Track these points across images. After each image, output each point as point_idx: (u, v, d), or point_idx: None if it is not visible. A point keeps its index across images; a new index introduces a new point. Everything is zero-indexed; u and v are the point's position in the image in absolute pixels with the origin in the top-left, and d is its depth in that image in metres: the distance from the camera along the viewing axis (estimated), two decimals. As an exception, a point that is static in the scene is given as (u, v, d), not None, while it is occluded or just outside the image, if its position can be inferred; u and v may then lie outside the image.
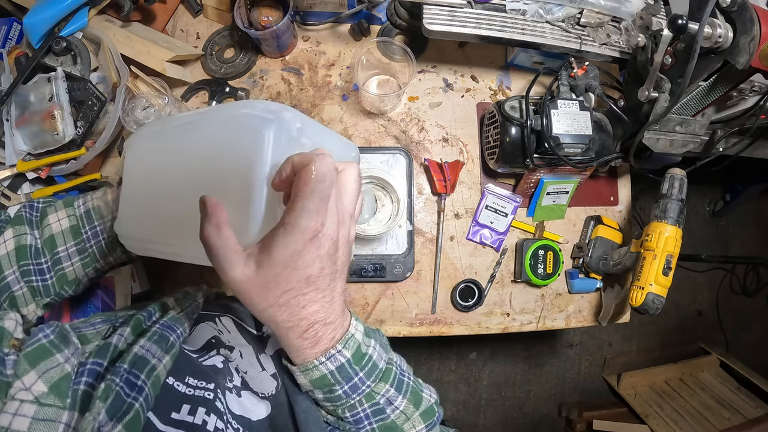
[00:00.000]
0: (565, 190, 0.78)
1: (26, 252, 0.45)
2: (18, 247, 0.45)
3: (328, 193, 0.32)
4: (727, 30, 0.52)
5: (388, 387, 0.38)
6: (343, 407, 0.37)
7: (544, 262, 0.76)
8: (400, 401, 0.38)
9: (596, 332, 1.84)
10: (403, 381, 0.39)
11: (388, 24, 0.82)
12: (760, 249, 1.93)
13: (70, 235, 0.47)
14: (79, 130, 0.71)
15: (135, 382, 0.29)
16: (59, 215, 0.48)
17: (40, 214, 0.48)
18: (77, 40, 0.72)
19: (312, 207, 0.31)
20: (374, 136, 0.80)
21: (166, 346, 0.34)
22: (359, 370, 0.36)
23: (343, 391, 0.35)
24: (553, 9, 0.70)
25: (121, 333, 0.34)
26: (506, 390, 1.80)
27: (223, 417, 0.32)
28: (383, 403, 0.37)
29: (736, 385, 1.66)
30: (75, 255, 0.47)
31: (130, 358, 0.30)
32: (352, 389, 0.36)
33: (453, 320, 0.79)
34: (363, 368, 0.36)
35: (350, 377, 0.35)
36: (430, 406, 0.40)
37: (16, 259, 0.44)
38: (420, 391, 0.40)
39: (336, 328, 0.35)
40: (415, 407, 0.39)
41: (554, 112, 0.66)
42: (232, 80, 0.80)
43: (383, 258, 0.75)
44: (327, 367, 0.35)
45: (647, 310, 0.64)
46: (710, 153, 0.72)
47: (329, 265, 0.33)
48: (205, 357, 0.39)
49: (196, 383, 0.34)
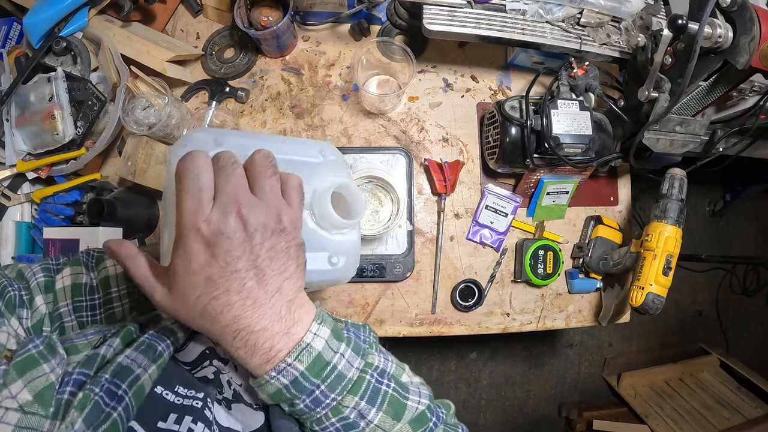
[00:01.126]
0: (565, 190, 0.78)
1: (81, 289, 0.47)
2: (74, 284, 0.47)
3: (198, 186, 0.30)
4: (727, 30, 0.52)
5: (358, 400, 0.33)
6: (309, 421, 0.34)
7: (544, 262, 0.76)
8: (374, 414, 0.34)
9: (596, 332, 1.84)
10: (379, 390, 0.35)
11: (388, 24, 0.82)
12: (760, 249, 1.93)
13: (123, 279, 0.49)
14: (79, 130, 0.71)
15: (115, 392, 0.29)
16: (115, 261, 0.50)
17: (96, 261, 0.50)
18: (77, 40, 0.72)
19: (185, 205, 0.30)
20: (374, 136, 0.80)
21: (154, 356, 0.33)
22: (320, 382, 0.32)
23: (305, 405, 0.32)
24: (553, 9, 0.70)
25: (110, 344, 0.34)
26: (506, 390, 1.80)
27: (211, 426, 0.32)
28: (354, 416, 0.33)
29: (736, 385, 1.66)
30: (125, 297, 0.49)
31: (113, 368, 0.30)
32: (315, 403, 0.32)
33: (453, 320, 0.79)
34: (325, 380, 0.32)
35: (309, 390, 0.32)
36: (420, 413, 0.36)
37: (71, 294, 0.46)
38: (403, 400, 0.36)
39: (274, 336, 0.32)
40: (396, 419, 0.35)
41: (554, 112, 0.66)
42: (232, 80, 0.81)
43: (383, 258, 0.75)
44: (279, 382, 0.32)
45: (647, 310, 0.64)
46: (710, 153, 0.72)
47: (235, 262, 0.30)
48: (197, 369, 0.39)
49: (185, 392, 0.33)
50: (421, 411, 0.36)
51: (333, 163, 0.47)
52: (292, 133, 0.80)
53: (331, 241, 0.45)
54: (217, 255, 0.30)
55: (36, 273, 0.45)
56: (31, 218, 0.77)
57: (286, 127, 0.80)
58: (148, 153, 0.70)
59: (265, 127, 0.80)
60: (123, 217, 0.70)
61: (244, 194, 0.31)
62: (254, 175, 0.33)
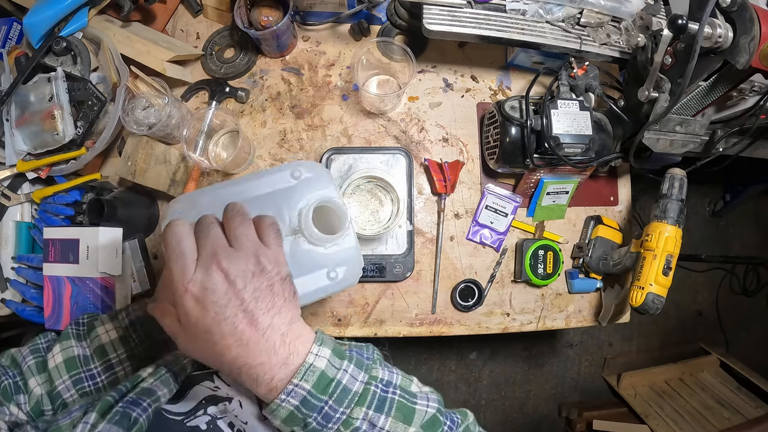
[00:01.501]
0: (565, 190, 0.78)
1: (75, 362, 0.48)
2: (66, 359, 0.47)
3: (180, 252, 0.34)
4: (727, 30, 0.52)
5: (366, 410, 0.35)
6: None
7: (544, 262, 0.76)
8: (384, 421, 0.36)
9: (596, 332, 1.84)
10: (386, 398, 0.37)
11: (388, 24, 0.82)
12: (760, 249, 1.93)
13: (119, 344, 0.50)
14: (79, 130, 0.71)
15: None
16: (106, 327, 0.51)
17: (87, 328, 0.51)
18: (77, 40, 0.72)
19: (173, 271, 0.34)
20: (374, 136, 0.80)
21: (129, 424, 0.34)
22: (327, 398, 0.35)
23: (317, 422, 0.34)
24: (553, 9, 0.70)
25: (86, 420, 0.34)
26: (506, 390, 1.80)
27: None
28: (366, 427, 0.35)
29: (736, 385, 1.66)
30: (126, 360, 0.50)
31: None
32: (326, 419, 0.34)
33: (453, 320, 0.79)
34: (332, 395, 0.35)
35: (319, 407, 0.34)
36: (432, 417, 0.38)
37: (66, 369, 0.47)
38: (411, 405, 0.37)
39: (273, 368, 0.35)
40: (406, 423, 0.36)
41: (554, 112, 0.66)
42: (232, 80, 0.81)
43: (383, 258, 0.75)
44: (290, 404, 0.34)
45: (647, 310, 0.64)
46: (710, 153, 0.72)
47: (223, 310, 0.33)
48: (191, 418, 0.39)
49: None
50: (432, 414, 0.38)
51: (309, 180, 0.48)
52: (292, 134, 0.80)
53: (328, 255, 0.47)
54: (206, 307, 0.33)
55: (26, 357, 0.47)
56: (31, 218, 0.77)
57: (286, 127, 0.80)
58: (148, 153, 0.70)
59: (265, 127, 0.80)
60: (123, 217, 0.70)
61: (222, 248, 0.35)
62: (229, 229, 0.37)
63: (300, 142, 0.80)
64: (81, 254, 0.67)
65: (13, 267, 0.75)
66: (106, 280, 0.68)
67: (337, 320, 0.77)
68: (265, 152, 0.79)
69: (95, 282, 0.68)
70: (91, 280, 0.68)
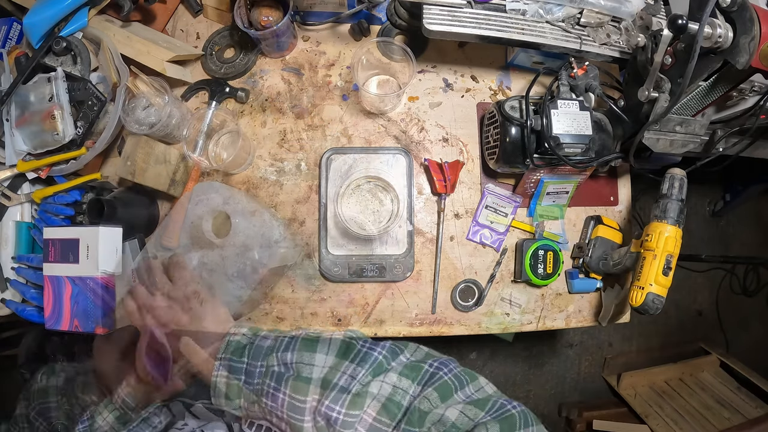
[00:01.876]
0: (565, 190, 0.78)
1: None
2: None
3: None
4: (727, 30, 0.52)
5: (275, 355, 0.46)
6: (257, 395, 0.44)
7: (544, 262, 0.76)
8: (291, 356, 0.45)
9: (596, 332, 1.84)
10: (292, 339, 0.47)
11: (388, 24, 0.82)
12: (760, 249, 1.93)
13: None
14: (79, 130, 0.71)
15: None
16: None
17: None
18: (77, 40, 0.72)
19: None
20: (374, 136, 0.80)
21: None
22: (246, 359, 0.46)
23: (244, 382, 0.45)
24: (553, 9, 0.70)
25: None
26: (506, 390, 1.78)
27: None
28: (279, 368, 0.45)
29: (736, 385, 1.66)
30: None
31: None
32: (248, 376, 0.45)
33: (453, 320, 0.79)
34: (248, 355, 0.46)
35: (240, 368, 0.46)
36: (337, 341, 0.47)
37: None
38: (314, 338, 0.47)
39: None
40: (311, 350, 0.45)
41: (554, 112, 0.66)
42: (232, 80, 0.81)
43: (383, 258, 0.75)
44: (221, 374, 0.46)
45: (647, 310, 0.64)
46: (710, 153, 0.72)
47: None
48: None
49: None
50: (338, 339, 0.47)
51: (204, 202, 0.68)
52: (292, 134, 0.80)
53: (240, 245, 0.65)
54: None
55: None
56: (31, 218, 0.77)
57: (286, 127, 0.80)
58: (147, 152, 0.70)
59: (265, 127, 0.80)
60: (123, 217, 0.70)
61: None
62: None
63: (300, 142, 0.80)
64: (81, 254, 0.67)
65: (13, 267, 0.75)
66: (106, 279, 0.68)
67: (337, 320, 0.77)
68: (265, 152, 0.79)
69: (95, 281, 0.68)
70: (92, 279, 0.68)
